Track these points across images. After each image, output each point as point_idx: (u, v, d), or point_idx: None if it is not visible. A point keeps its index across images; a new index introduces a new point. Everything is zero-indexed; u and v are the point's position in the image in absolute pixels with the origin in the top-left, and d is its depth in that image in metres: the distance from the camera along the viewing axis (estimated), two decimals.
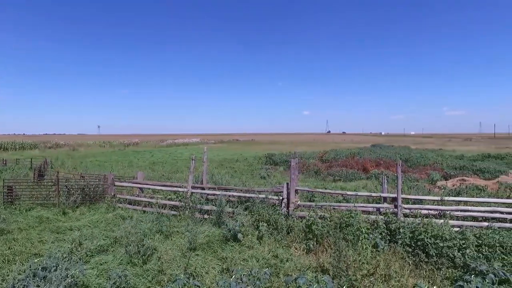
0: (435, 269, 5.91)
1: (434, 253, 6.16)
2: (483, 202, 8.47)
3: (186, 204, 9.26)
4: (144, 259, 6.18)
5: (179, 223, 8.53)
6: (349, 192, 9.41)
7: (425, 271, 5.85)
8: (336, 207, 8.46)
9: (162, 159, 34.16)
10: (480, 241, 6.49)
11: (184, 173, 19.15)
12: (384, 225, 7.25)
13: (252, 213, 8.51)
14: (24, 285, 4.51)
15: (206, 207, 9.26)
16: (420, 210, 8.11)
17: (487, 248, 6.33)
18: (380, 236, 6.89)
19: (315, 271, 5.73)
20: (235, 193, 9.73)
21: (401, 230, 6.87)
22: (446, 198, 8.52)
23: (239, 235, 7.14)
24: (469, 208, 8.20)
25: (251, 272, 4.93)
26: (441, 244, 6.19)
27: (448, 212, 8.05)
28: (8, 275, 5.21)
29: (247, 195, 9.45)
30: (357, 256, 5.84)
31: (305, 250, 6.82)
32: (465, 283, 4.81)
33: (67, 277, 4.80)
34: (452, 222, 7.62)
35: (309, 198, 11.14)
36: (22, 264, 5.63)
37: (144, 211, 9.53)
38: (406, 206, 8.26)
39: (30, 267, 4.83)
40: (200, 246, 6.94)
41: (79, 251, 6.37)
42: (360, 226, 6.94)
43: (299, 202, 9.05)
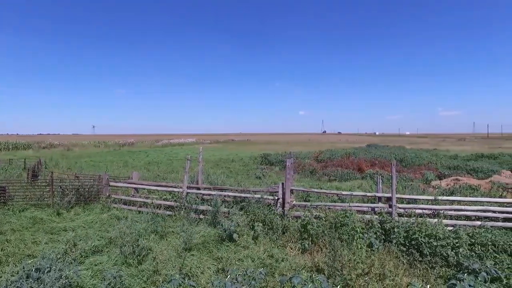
0: (429, 268, 5.96)
1: (428, 252, 6.23)
2: (476, 202, 8.54)
3: (182, 204, 9.24)
4: (139, 260, 6.15)
5: (175, 223, 8.51)
6: (344, 192, 9.46)
7: (419, 270, 5.90)
8: (331, 207, 8.49)
9: (158, 159, 33.99)
10: (473, 240, 6.57)
11: (180, 173, 19.08)
12: (379, 225, 7.30)
13: (248, 213, 8.51)
14: (17, 287, 4.47)
15: (202, 207, 9.25)
16: (415, 210, 8.18)
17: (480, 247, 6.42)
18: (375, 236, 6.93)
19: (310, 271, 5.75)
20: (231, 193, 9.72)
21: (396, 230, 6.92)
22: (440, 198, 8.60)
23: (235, 235, 7.14)
24: (463, 208, 8.28)
25: (246, 272, 4.94)
26: (435, 243, 6.25)
27: (442, 212, 8.13)
28: (1, 277, 5.16)
29: (243, 195, 9.45)
30: (352, 256, 5.88)
31: (300, 250, 6.84)
32: (458, 282, 4.86)
33: (61, 278, 4.77)
34: (446, 222, 7.70)
35: (305, 198, 11.15)
36: (15, 266, 5.57)
37: (139, 212, 9.49)
38: (401, 206, 8.32)
39: (24, 269, 4.78)
40: (196, 246, 6.93)
41: (74, 252, 6.33)
42: (355, 226, 6.98)
43: (295, 202, 9.08)
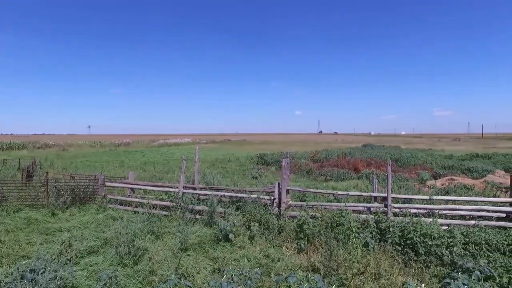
0: (424, 267, 6.00)
1: (423, 252, 6.27)
2: (471, 201, 8.61)
3: (178, 205, 9.22)
4: (135, 260, 6.13)
5: (171, 224, 8.49)
6: (340, 192, 9.49)
7: (414, 269, 5.93)
8: (327, 207, 8.52)
9: (154, 159, 33.85)
10: (467, 239, 6.63)
11: (176, 173, 19.02)
12: (374, 224, 7.34)
13: (244, 213, 8.51)
14: None
15: (198, 207, 9.23)
16: (410, 209, 8.23)
17: (474, 246, 6.48)
18: (371, 235, 6.96)
19: (306, 270, 5.76)
20: (227, 193, 9.72)
21: (391, 229, 6.96)
22: (435, 197, 8.66)
23: (231, 235, 7.14)
24: (457, 207, 8.34)
25: (242, 272, 4.94)
26: (430, 243, 6.30)
27: (437, 211, 8.19)
28: None
29: (239, 195, 9.45)
30: (348, 255, 5.90)
31: (296, 250, 6.85)
32: (452, 280, 4.90)
33: (56, 279, 4.74)
34: (441, 221, 7.76)
35: (301, 198, 11.18)
36: (10, 267, 5.53)
37: (135, 212, 9.45)
38: (396, 206, 8.36)
39: (18, 270, 4.74)
40: (192, 247, 6.92)
41: (69, 253, 6.28)
42: (351, 226, 7.01)
43: (291, 202, 9.09)
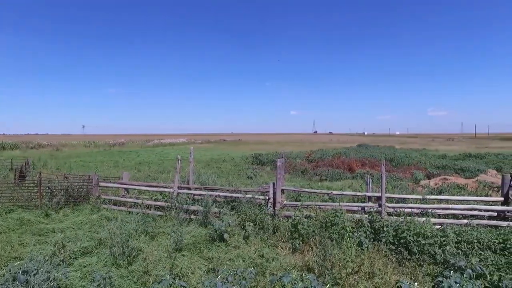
0: (417, 266, 6.05)
1: (416, 251, 6.32)
2: (463, 200, 8.73)
3: (172, 205, 9.18)
4: (129, 260, 6.10)
5: (165, 224, 8.46)
6: (335, 192, 9.53)
7: (408, 268, 5.99)
8: (322, 207, 8.56)
9: (148, 159, 33.69)
10: (460, 238, 6.69)
11: (171, 173, 18.96)
12: (369, 224, 7.39)
13: (239, 213, 8.51)
14: None
15: (192, 208, 9.21)
16: (404, 209, 8.30)
17: (466, 245, 6.54)
18: (365, 235, 7.01)
19: (301, 270, 5.78)
20: (222, 193, 9.71)
21: (385, 229, 7.01)
22: (428, 197, 8.74)
23: (225, 235, 7.14)
24: (450, 206, 8.43)
25: (237, 272, 4.95)
26: (423, 242, 6.35)
27: (430, 211, 8.27)
28: None
29: (234, 195, 9.45)
30: (342, 255, 5.92)
31: (291, 249, 6.87)
32: (445, 279, 4.95)
33: (49, 280, 4.70)
34: (434, 220, 7.84)
35: (295, 198, 11.21)
36: (1, 269, 5.46)
37: (130, 212, 9.40)
38: (390, 205, 8.43)
39: (10, 271, 4.68)
40: (186, 247, 6.91)
41: (62, 254, 6.20)
42: (345, 225, 7.04)
43: (285, 202, 9.12)
